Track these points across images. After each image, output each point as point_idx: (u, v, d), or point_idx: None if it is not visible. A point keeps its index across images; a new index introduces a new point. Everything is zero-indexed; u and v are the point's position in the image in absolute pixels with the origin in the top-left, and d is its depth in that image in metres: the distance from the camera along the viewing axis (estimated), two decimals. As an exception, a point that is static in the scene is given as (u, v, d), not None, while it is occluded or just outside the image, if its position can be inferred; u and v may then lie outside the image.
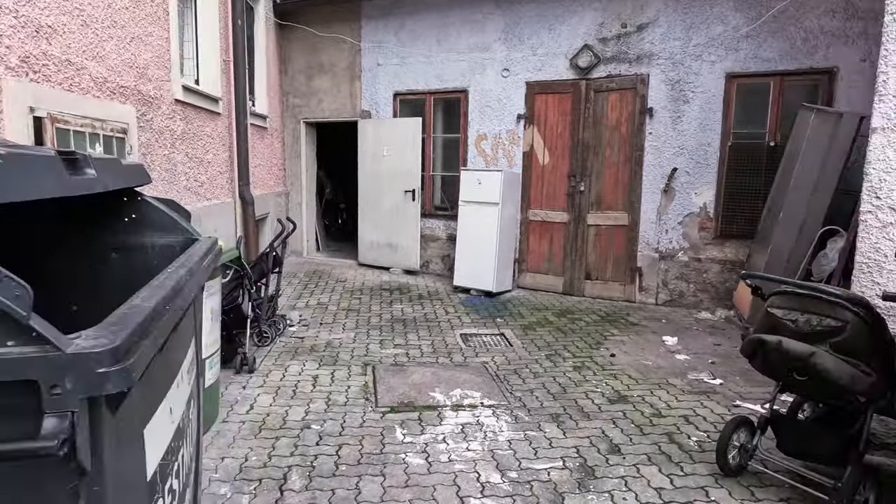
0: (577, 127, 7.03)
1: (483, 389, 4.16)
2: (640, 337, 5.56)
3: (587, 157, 7.01)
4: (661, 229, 6.74)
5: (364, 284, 7.56)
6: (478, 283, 7.12)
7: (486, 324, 5.95)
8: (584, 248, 7.12)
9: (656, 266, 6.78)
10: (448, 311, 6.40)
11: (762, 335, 2.70)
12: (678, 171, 6.57)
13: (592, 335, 5.60)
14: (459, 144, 7.89)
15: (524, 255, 7.51)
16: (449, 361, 4.79)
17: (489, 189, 7.00)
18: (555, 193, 7.27)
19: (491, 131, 7.61)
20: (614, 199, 6.95)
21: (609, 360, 4.86)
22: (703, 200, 6.52)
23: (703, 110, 6.40)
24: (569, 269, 7.23)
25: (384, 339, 5.36)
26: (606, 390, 4.20)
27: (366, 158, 8.45)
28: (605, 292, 7.06)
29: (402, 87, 8.14)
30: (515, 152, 7.47)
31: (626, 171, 6.85)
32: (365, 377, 4.37)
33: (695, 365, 4.77)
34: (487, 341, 5.40)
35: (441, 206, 8.26)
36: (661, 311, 6.53)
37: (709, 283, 6.56)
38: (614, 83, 6.80)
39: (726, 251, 6.47)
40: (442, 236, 8.16)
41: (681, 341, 5.41)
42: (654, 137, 6.67)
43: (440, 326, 5.81)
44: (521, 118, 7.37)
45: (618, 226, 6.96)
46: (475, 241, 7.11)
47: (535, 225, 7.43)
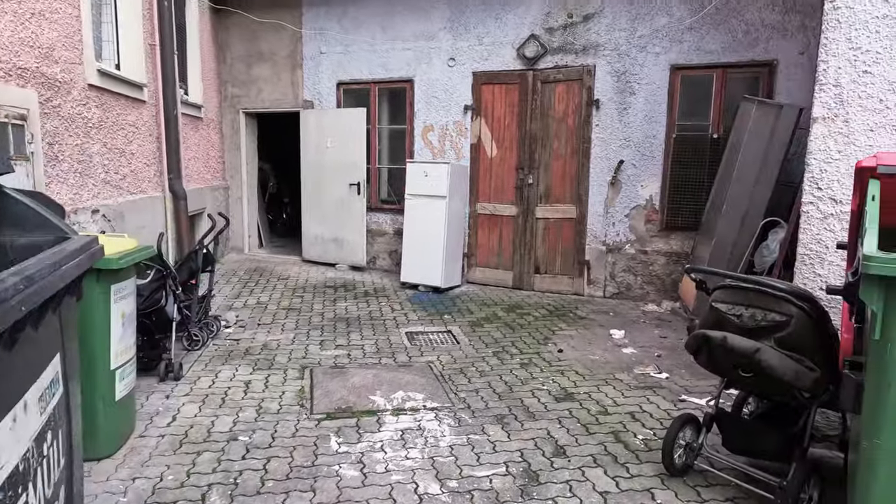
0: (524, 118, 6.92)
1: (426, 391, 3.98)
2: (588, 331, 5.50)
3: (535, 149, 6.91)
4: (608, 222, 6.71)
5: (307, 282, 7.26)
6: (426, 279, 6.93)
7: (433, 321, 5.77)
8: (533, 242, 7.03)
9: (604, 259, 6.75)
10: (394, 308, 6.19)
11: (707, 331, 2.61)
12: (625, 163, 6.55)
13: (541, 330, 5.50)
14: (406, 136, 7.66)
15: (473, 250, 7.37)
16: (392, 362, 4.59)
17: (436, 182, 6.81)
18: (503, 186, 7.14)
19: (438, 122, 7.41)
20: (562, 191, 6.88)
21: (557, 356, 4.76)
22: (649, 193, 6.51)
23: (649, 102, 6.39)
24: (518, 264, 7.13)
25: (325, 339, 5.11)
26: (553, 388, 4.08)
27: (309, 150, 8.12)
28: (555, 286, 6.99)
29: (346, 77, 7.85)
30: (463, 144, 7.30)
31: (573, 163, 6.78)
32: (302, 381, 4.12)
33: (641, 359, 4.72)
34: (434, 339, 5.22)
35: (388, 200, 8.02)
36: (609, 304, 6.50)
37: (655, 276, 6.57)
38: (561, 74, 6.71)
39: (672, 243, 6.49)
40: (389, 231, 7.93)
41: (628, 334, 5.37)
42: (600, 129, 6.62)
43: (385, 325, 5.59)
44: (468, 109, 7.20)
45: (566, 219, 6.89)
46: (423, 235, 6.92)
47: (484, 219, 7.29)
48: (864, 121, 2.95)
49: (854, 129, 2.98)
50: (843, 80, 2.98)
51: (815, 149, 3.08)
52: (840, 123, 3.01)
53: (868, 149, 2.97)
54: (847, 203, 3.03)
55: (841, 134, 3.01)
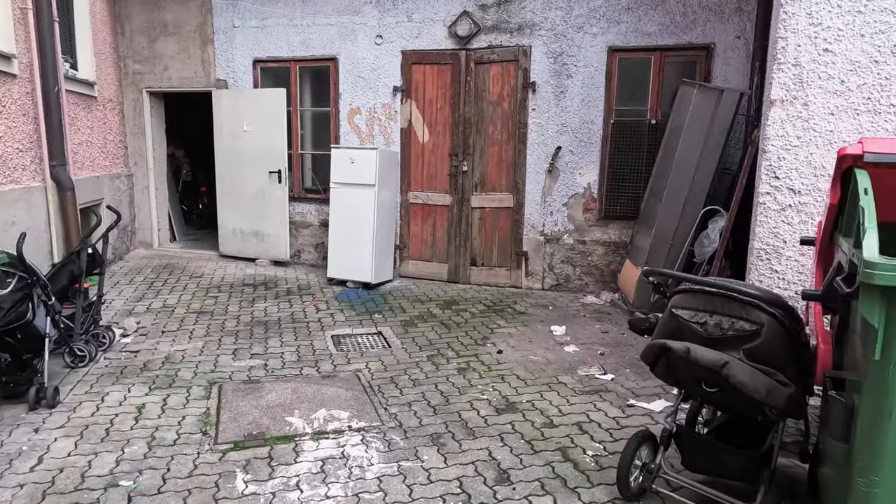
0: (458, 101, 6.50)
1: (353, 407, 3.52)
2: (528, 328, 5.19)
3: (470, 134, 6.51)
4: (546, 211, 6.42)
5: (224, 280, 6.60)
6: (354, 274, 6.43)
7: (362, 321, 5.30)
8: (468, 233, 6.66)
9: (542, 250, 6.48)
10: (320, 307, 5.67)
11: (667, 341, 2.30)
12: (562, 149, 6.26)
13: (478, 329, 5.14)
14: (330, 119, 7.08)
15: (406, 242, 6.92)
16: (315, 372, 4.10)
17: (364, 169, 6.30)
18: (436, 174, 6.72)
19: (365, 105, 6.88)
20: (498, 179, 6.53)
21: (496, 358, 4.42)
22: (587, 181, 6.27)
23: (586, 86, 6.11)
24: (453, 256, 6.74)
25: (239, 347, 4.54)
26: (494, 397, 3.73)
27: (223, 135, 7.38)
28: (492, 279, 6.66)
29: (263, 54, 7.16)
30: (393, 128, 6.81)
31: (509, 149, 6.44)
32: (207, 402, 3.57)
33: (584, 357, 4.45)
34: (363, 343, 4.76)
35: (312, 189, 7.43)
36: (548, 297, 6.24)
37: (594, 266, 6.36)
38: (496, 54, 6.33)
39: (610, 233, 6.28)
40: (314, 222, 7.34)
41: (569, 330, 5.10)
42: (537, 114, 6.29)
43: (309, 328, 5.07)
44: (397, 91, 6.71)
45: (503, 208, 6.56)
46: (350, 227, 6.40)
47: (417, 208, 6.85)
48: (824, 104, 2.72)
49: (814, 112, 2.75)
50: (802, 58, 2.73)
51: (773, 134, 2.82)
52: (799, 107, 2.76)
53: (828, 134, 2.75)
54: (807, 193, 2.79)
55: (800, 118, 2.77)
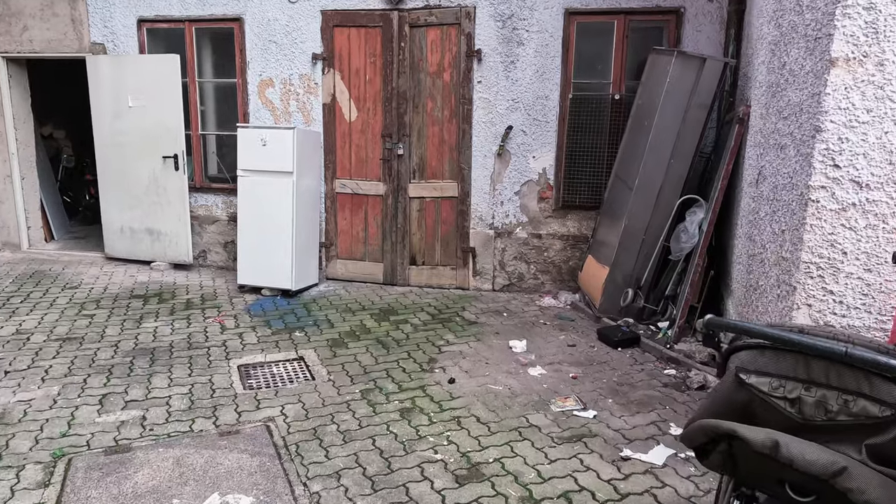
0: (390, 72, 5.49)
1: (259, 487, 2.55)
2: (482, 343, 4.35)
3: (405, 111, 5.53)
4: (495, 201, 5.57)
5: (107, 290, 5.36)
6: (271, 280, 5.37)
7: (279, 343, 4.28)
8: (406, 227, 5.71)
9: (492, 245, 5.64)
10: (226, 325, 4.59)
11: (735, 427, 1.47)
12: (513, 129, 5.41)
13: (423, 347, 4.25)
14: (237, 93, 5.90)
15: (333, 238, 5.90)
16: (212, 427, 3.08)
17: (279, 153, 5.21)
18: (367, 158, 5.71)
19: (279, 76, 5.75)
20: (440, 164, 5.61)
21: (448, 391, 3.54)
22: (542, 165, 5.45)
23: (540, 55, 5.26)
24: (389, 254, 5.79)
25: (111, 392, 3.44)
26: (449, 454, 2.85)
27: (103, 112, 6.05)
28: (435, 279, 5.77)
29: (150, 12, 5.86)
30: (313, 104, 5.73)
31: (452, 129, 5.52)
32: (44, 492, 2.50)
33: (555, 384, 3.65)
34: (279, 374, 3.77)
35: (218, 177, 6.24)
36: (501, 300, 5.42)
37: (550, 263, 5.58)
38: (434, 16, 5.35)
39: (569, 225, 5.51)
40: (222, 217, 6.18)
41: (531, 345, 4.30)
42: (483, 87, 5.40)
43: (210, 356, 4.01)
44: (317, 59, 5.62)
45: (446, 198, 5.65)
46: (264, 222, 5.32)
47: (345, 199, 5.83)
48: None
49: (893, 74, 1.99)
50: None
51: (833, 106, 2.05)
52: (871, 68, 2.00)
53: (912, 107, 2.04)
54: (878, 188, 2.05)
55: (872, 84, 2.02)
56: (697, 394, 3.54)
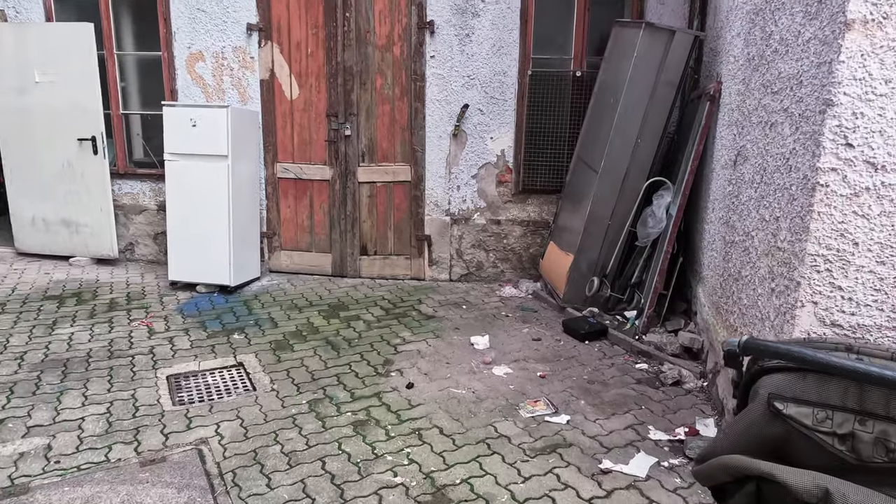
0: (334, 45, 5.02)
1: (185, 531, 2.15)
2: (441, 340, 4.02)
3: (352, 88, 5.08)
4: (451, 185, 5.22)
5: (15, 291, 4.74)
6: (207, 275, 4.87)
7: (215, 347, 3.83)
8: (356, 215, 5.29)
9: (448, 233, 5.29)
10: (155, 329, 4.09)
11: (772, 468, 1.19)
12: (470, 108, 5.05)
13: (377, 347, 3.89)
14: (163, 67, 5.29)
15: (276, 228, 5.42)
16: (133, 455, 2.64)
17: (211, 134, 4.68)
18: (311, 140, 5.24)
19: (210, 48, 5.18)
20: (391, 146, 5.20)
21: (406, 398, 3.20)
22: (500, 147, 5.13)
23: (497, 27, 4.90)
24: (338, 244, 5.36)
25: (9, 416, 2.93)
26: (411, 476, 2.52)
27: (5, 87, 5.32)
28: (388, 270, 5.39)
29: (57, -26, 5.17)
30: (249, 80, 5.20)
31: (404, 107, 5.11)
32: (-89, 555, 2.02)
33: (522, 385, 3.37)
34: (215, 385, 3.33)
35: (146, 162, 5.64)
36: (459, 291, 5.10)
37: (510, 251, 5.29)
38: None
39: (529, 210, 5.23)
40: (150, 206, 5.59)
41: (493, 340, 4.00)
42: (437, 63, 5.00)
43: (134, 365, 3.53)
44: (253, 30, 5.08)
45: (398, 182, 5.25)
46: (197, 211, 4.79)
47: (288, 185, 5.35)
48: None
49: (916, 41, 1.75)
50: (901, -48, 1.71)
51: (847, 76, 1.79)
52: (892, 31, 1.75)
53: (936, 77, 1.80)
54: (894, 171, 1.80)
55: (893, 51, 1.76)
56: (673, 390, 3.32)
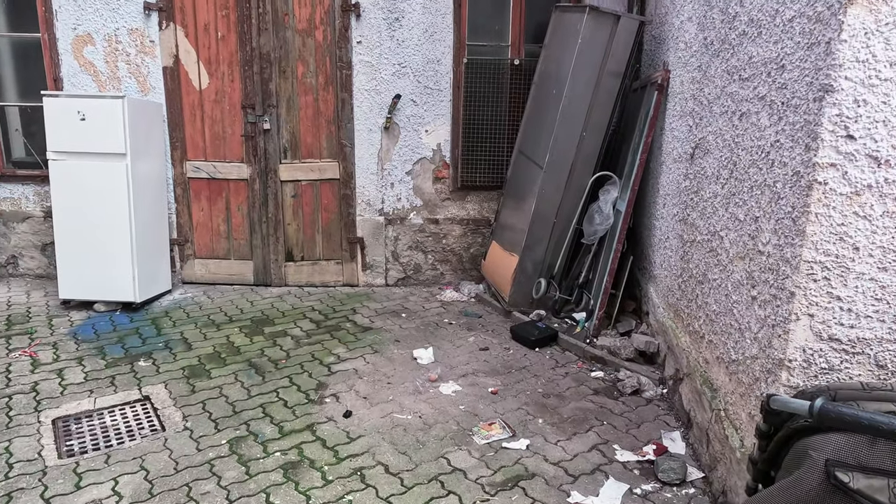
0: (248, 29, 4.49)
1: None
2: (381, 355, 3.64)
3: (270, 77, 4.57)
4: (384, 183, 4.82)
5: None
6: (107, 291, 4.24)
7: (115, 379, 3.27)
8: (279, 217, 4.80)
9: (383, 234, 4.90)
10: (41, 359, 3.47)
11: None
12: (402, 98, 4.67)
13: (309, 367, 3.46)
14: (42, 52, 4.57)
15: (188, 234, 4.83)
16: (-1, 531, 2.11)
17: (105, 129, 4.06)
18: (225, 135, 4.69)
19: (101, 31, 4.51)
20: (316, 141, 4.73)
21: (344, 429, 2.81)
22: (436, 140, 4.78)
23: (429, 11, 4.54)
24: (260, 249, 4.85)
25: None
26: (355, 530, 2.14)
27: None
28: (318, 276, 4.93)
29: None
30: (150, 67, 4.57)
31: (329, 98, 4.66)
32: None
33: (474, 405, 3.05)
34: (114, 428, 2.81)
35: (28, 161, 4.88)
36: (397, 296, 4.72)
37: (450, 251, 4.97)
38: (300, -39, 4.43)
39: (469, 207, 4.92)
40: (35, 212, 4.85)
41: (438, 352, 3.66)
42: (365, 49, 4.58)
43: (11, 409, 2.93)
44: (151, 10, 4.46)
45: (325, 180, 4.80)
46: (92, 218, 4.16)
47: (201, 185, 4.77)
48: None
49: (923, 17, 1.54)
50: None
51: (849, 58, 1.56)
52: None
53: (945, 59, 1.60)
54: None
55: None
56: (633, 400, 3.11)
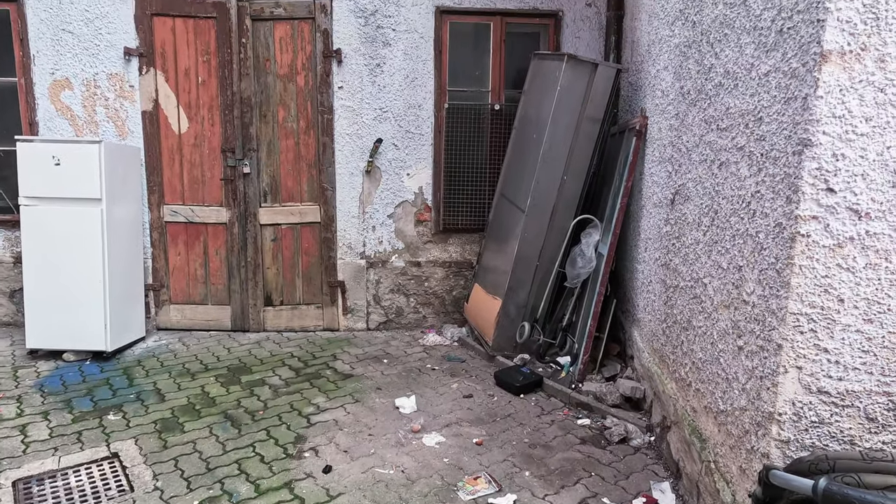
0: (229, 73, 4.50)
1: None
2: (362, 405, 3.54)
3: (251, 121, 4.56)
4: (366, 226, 4.79)
5: None
6: (77, 339, 4.09)
7: (83, 434, 3.12)
8: (258, 260, 4.72)
9: (364, 277, 4.84)
10: (4, 413, 3.30)
11: None
12: (384, 142, 4.68)
13: (287, 418, 3.34)
14: (19, 96, 4.52)
15: (164, 279, 4.72)
16: None
17: (80, 174, 3.98)
18: (204, 178, 4.64)
19: (79, 76, 4.48)
20: (297, 184, 4.71)
21: (324, 486, 2.69)
22: (418, 184, 4.78)
23: (410, 58, 4.60)
24: (238, 294, 4.75)
25: None
26: None
27: None
28: (297, 321, 4.83)
29: None
30: (128, 112, 4.54)
31: (310, 142, 4.66)
32: None
33: (458, 457, 2.96)
34: (79, 490, 2.65)
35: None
36: (378, 341, 4.64)
37: (432, 294, 4.92)
38: (282, 8, 4.47)
39: (451, 250, 4.89)
40: (5, 258, 4.71)
41: (420, 400, 3.57)
42: (346, 94, 4.61)
43: (-33, 471, 2.77)
44: (132, 55, 4.45)
45: (306, 224, 4.75)
46: (63, 264, 4.04)
47: (178, 229, 4.69)
48: None
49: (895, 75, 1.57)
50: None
51: (825, 113, 1.58)
52: (870, 64, 1.57)
53: (919, 115, 1.63)
54: (880, 218, 1.62)
55: (872, 85, 1.58)
56: (621, 449, 3.04)
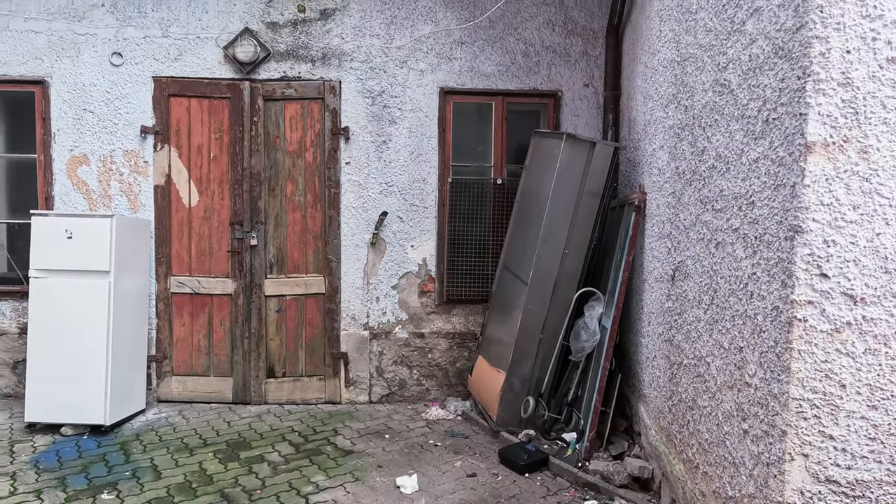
0: (240, 150, 4.67)
1: None
2: (362, 484, 3.44)
3: (260, 195, 4.69)
4: (370, 297, 4.82)
5: None
6: (76, 413, 4.05)
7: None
8: (262, 332, 4.72)
9: (367, 349, 4.82)
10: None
11: None
12: (388, 215, 4.78)
13: (285, 498, 3.24)
14: (37, 171, 4.68)
15: (167, 350, 4.71)
16: None
17: (91, 247, 4.07)
18: (211, 250, 4.72)
19: (97, 152, 4.66)
20: (303, 256, 4.77)
21: (320, 574, 2.58)
22: (421, 255, 4.84)
23: (415, 135, 4.77)
24: (241, 365, 4.72)
25: None
26: None
27: None
28: (299, 393, 4.77)
29: (-85, 68, 4.56)
30: (142, 186, 4.68)
31: (317, 215, 4.76)
32: None
33: (461, 542, 2.85)
34: (64, 576, 2.55)
35: (8, 277, 4.85)
36: (380, 415, 4.56)
37: (436, 366, 4.87)
38: (293, 89, 4.69)
39: (455, 321, 4.89)
40: (10, 328, 4.74)
41: (423, 480, 3.47)
42: (353, 169, 4.75)
43: (-47, 555, 2.68)
44: (148, 133, 4.64)
45: (310, 295, 4.79)
46: (68, 337, 4.05)
47: (183, 300, 4.73)
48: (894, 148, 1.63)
49: (880, 164, 1.63)
50: (855, 73, 1.62)
51: (814, 202, 1.63)
52: (854, 155, 1.63)
53: (905, 202, 1.67)
54: (875, 303, 1.63)
55: (857, 175, 1.63)
56: (629, 535, 2.92)
